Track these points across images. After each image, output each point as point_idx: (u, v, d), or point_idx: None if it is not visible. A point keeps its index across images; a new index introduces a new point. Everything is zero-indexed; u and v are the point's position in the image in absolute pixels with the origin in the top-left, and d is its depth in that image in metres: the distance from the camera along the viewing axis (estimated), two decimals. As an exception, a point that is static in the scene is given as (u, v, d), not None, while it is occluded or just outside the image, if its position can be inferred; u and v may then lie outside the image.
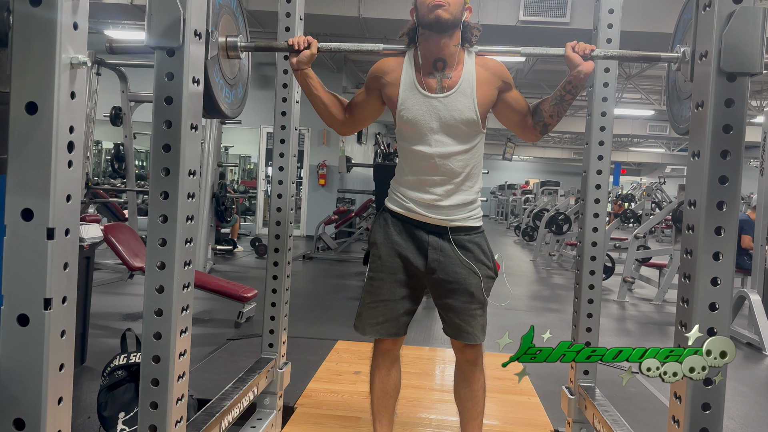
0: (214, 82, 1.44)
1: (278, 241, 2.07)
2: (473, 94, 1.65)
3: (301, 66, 1.62)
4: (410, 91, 1.67)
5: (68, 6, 0.84)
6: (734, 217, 1.12)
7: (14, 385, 0.84)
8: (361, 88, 1.78)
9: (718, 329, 1.13)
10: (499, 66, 1.70)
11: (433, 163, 1.68)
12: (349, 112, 1.79)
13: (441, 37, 1.61)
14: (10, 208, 0.83)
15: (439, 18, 1.57)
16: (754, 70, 1.09)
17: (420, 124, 1.66)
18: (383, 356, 1.85)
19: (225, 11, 1.53)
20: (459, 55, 1.65)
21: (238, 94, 1.68)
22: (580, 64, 1.53)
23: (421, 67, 1.67)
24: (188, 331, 1.26)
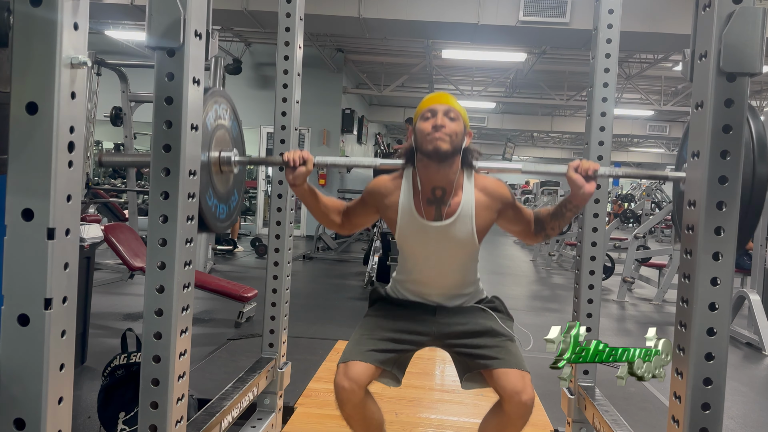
0: (207, 207, 1.45)
1: (278, 241, 2.07)
2: (472, 221, 1.63)
3: (297, 182, 1.58)
4: (409, 217, 1.65)
5: (69, 6, 0.84)
6: (734, 217, 1.12)
7: (14, 384, 0.84)
8: (358, 199, 1.76)
9: (717, 329, 1.13)
10: (499, 188, 1.67)
11: (431, 277, 1.70)
12: (346, 217, 1.77)
13: (440, 166, 1.59)
14: (11, 208, 0.83)
15: (438, 150, 1.55)
16: (754, 70, 1.09)
17: (418, 247, 1.68)
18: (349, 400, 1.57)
19: (220, 126, 1.54)
20: (458, 180, 1.63)
21: (232, 203, 1.67)
22: (582, 186, 1.48)
23: (420, 192, 1.64)
24: (188, 330, 1.26)
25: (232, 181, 1.62)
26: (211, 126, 1.47)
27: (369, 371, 1.60)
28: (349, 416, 1.62)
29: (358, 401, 1.58)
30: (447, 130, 1.56)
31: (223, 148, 1.54)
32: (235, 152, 1.55)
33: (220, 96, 1.54)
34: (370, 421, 1.65)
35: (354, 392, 1.56)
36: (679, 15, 6.00)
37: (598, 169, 1.48)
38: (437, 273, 1.70)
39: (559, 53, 9.80)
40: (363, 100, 13.77)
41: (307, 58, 4.16)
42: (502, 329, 1.68)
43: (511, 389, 1.54)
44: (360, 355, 1.61)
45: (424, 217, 1.64)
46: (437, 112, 1.58)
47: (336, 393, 1.58)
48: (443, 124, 1.56)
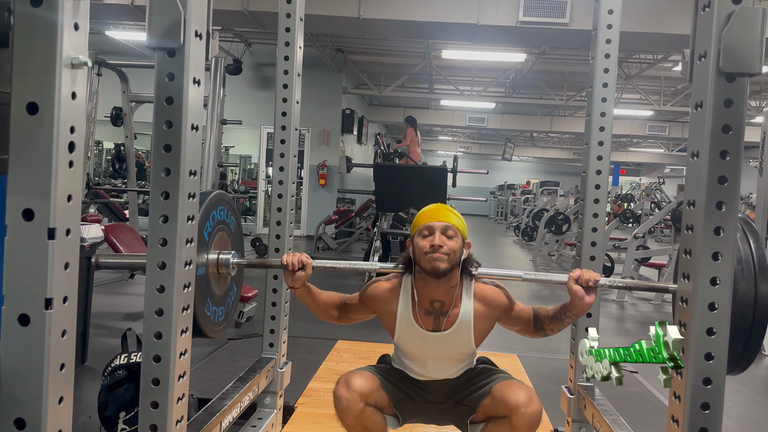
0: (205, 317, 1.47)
1: (278, 241, 2.08)
2: (470, 331, 1.65)
3: (296, 285, 1.62)
4: (407, 326, 1.66)
5: (69, 6, 0.84)
6: (733, 217, 1.12)
7: (15, 384, 0.84)
8: (356, 296, 1.77)
9: (717, 329, 1.13)
10: (497, 297, 1.68)
11: (429, 373, 1.71)
12: (343, 312, 1.78)
13: (439, 282, 1.61)
14: (11, 208, 0.83)
15: (436, 270, 1.57)
16: (754, 70, 1.09)
17: (416, 355, 1.69)
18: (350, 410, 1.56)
19: (220, 228, 1.56)
20: (457, 292, 1.64)
21: (230, 300, 1.69)
22: (583, 297, 1.50)
23: (418, 303, 1.65)
24: (189, 330, 1.26)
25: (230, 280, 1.66)
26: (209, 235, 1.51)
27: (371, 384, 1.61)
28: (350, 427, 1.61)
29: (358, 411, 1.57)
30: (445, 250, 1.57)
31: (222, 251, 1.57)
32: (233, 254, 1.58)
33: (217, 200, 1.58)
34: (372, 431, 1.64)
35: (355, 401, 1.56)
36: (679, 15, 6.00)
37: (598, 279, 1.50)
38: (434, 370, 1.71)
39: (559, 53, 9.80)
40: (363, 100, 13.77)
41: (307, 59, 4.16)
42: (496, 369, 1.74)
43: (516, 401, 1.53)
44: (364, 369, 1.66)
45: (423, 327, 1.65)
46: (435, 230, 1.59)
47: (335, 403, 1.58)
48: (441, 244, 1.57)
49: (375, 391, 1.62)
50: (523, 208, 14.67)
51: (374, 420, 1.63)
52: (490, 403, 1.61)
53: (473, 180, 21.03)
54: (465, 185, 12.78)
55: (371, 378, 1.64)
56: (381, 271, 1.72)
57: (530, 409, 1.51)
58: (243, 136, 12.31)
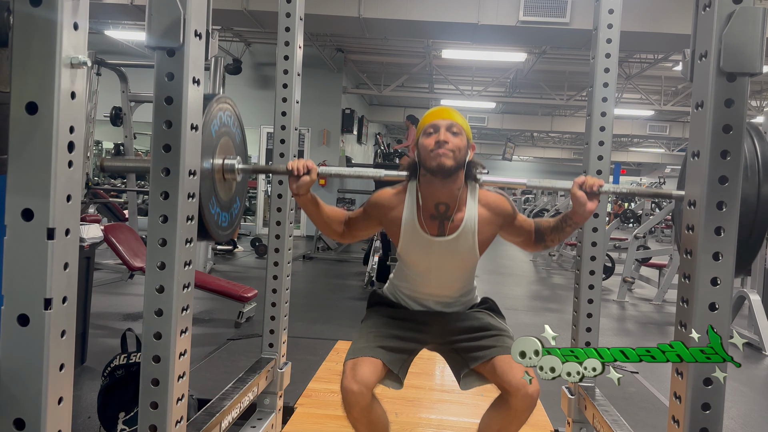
0: (209, 215, 1.44)
1: (278, 241, 2.07)
2: (475, 237, 1.64)
3: (300, 192, 1.59)
4: (412, 232, 1.66)
5: (68, 6, 0.84)
6: (734, 217, 1.12)
7: (14, 384, 0.84)
8: (360, 210, 1.76)
9: (718, 329, 1.13)
10: (501, 203, 1.68)
11: (431, 287, 1.71)
12: (347, 227, 1.77)
13: (444, 182, 1.60)
14: (11, 208, 0.83)
15: (442, 166, 1.56)
16: (754, 70, 1.09)
17: (420, 261, 1.69)
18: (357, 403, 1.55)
19: (224, 132, 1.53)
20: (462, 196, 1.64)
21: (234, 211, 1.67)
22: (585, 203, 1.50)
23: (423, 207, 1.65)
24: (188, 331, 1.26)
25: (235, 189, 1.63)
26: (216, 133, 1.47)
27: (377, 371, 1.60)
28: (356, 420, 1.61)
29: (366, 404, 1.57)
30: (450, 146, 1.56)
31: (227, 156, 1.54)
32: (238, 160, 1.55)
33: (225, 103, 1.54)
34: (377, 424, 1.64)
35: (363, 395, 1.55)
36: (679, 15, 6.00)
37: (602, 184, 1.50)
38: (437, 283, 1.71)
39: (559, 53, 9.80)
40: (363, 100, 13.76)
41: (307, 58, 4.16)
42: (499, 324, 1.71)
43: (516, 382, 1.52)
44: (369, 351, 1.61)
45: (427, 232, 1.64)
46: (440, 128, 1.58)
47: (343, 397, 1.57)
48: (446, 140, 1.56)
49: (380, 373, 1.61)
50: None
51: (379, 414, 1.65)
52: (488, 372, 1.62)
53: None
54: (465, 185, 12.74)
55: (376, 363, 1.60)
56: (386, 179, 1.68)
57: (531, 389, 1.52)
58: (243, 136, 12.29)
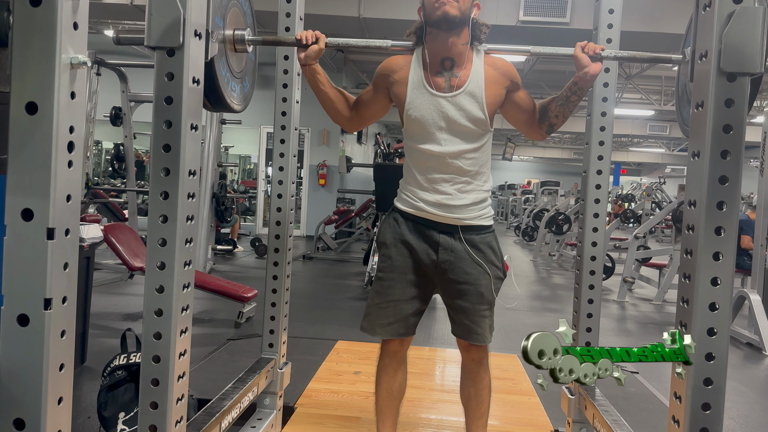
0: (221, 75, 1.42)
1: (278, 241, 2.07)
2: (482, 93, 1.63)
3: (309, 61, 1.61)
4: (418, 90, 1.65)
5: (68, 6, 0.84)
6: (734, 217, 1.12)
7: (14, 385, 0.84)
8: (369, 86, 1.77)
9: (718, 329, 1.13)
10: (507, 65, 1.69)
11: (441, 161, 1.66)
12: (355, 110, 1.77)
13: (449, 35, 1.60)
14: (10, 208, 0.83)
15: (446, 14, 1.56)
16: (754, 70, 1.09)
17: (428, 123, 1.65)
18: (391, 357, 1.81)
19: (233, 4, 1.51)
20: (467, 54, 1.64)
21: (245, 88, 1.66)
22: (587, 65, 1.52)
23: (429, 65, 1.65)
24: (188, 331, 1.26)
25: (245, 64, 1.62)
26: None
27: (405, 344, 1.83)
28: (383, 368, 1.82)
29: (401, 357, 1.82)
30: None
31: (238, 27, 1.53)
32: (248, 31, 1.54)
33: None
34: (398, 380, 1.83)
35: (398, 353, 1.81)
36: (679, 15, 6.00)
37: (603, 48, 1.53)
38: (447, 153, 1.65)
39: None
40: (363, 100, 13.75)
41: (307, 58, 4.16)
42: (489, 296, 1.73)
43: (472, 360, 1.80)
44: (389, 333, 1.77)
45: (433, 88, 1.64)
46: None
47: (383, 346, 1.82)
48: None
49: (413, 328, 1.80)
50: (523, 208, 14.68)
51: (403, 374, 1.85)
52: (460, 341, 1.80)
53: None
54: (465, 185, 12.74)
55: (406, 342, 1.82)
56: (393, 48, 1.69)
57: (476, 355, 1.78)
58: (243, 136, 12.30)
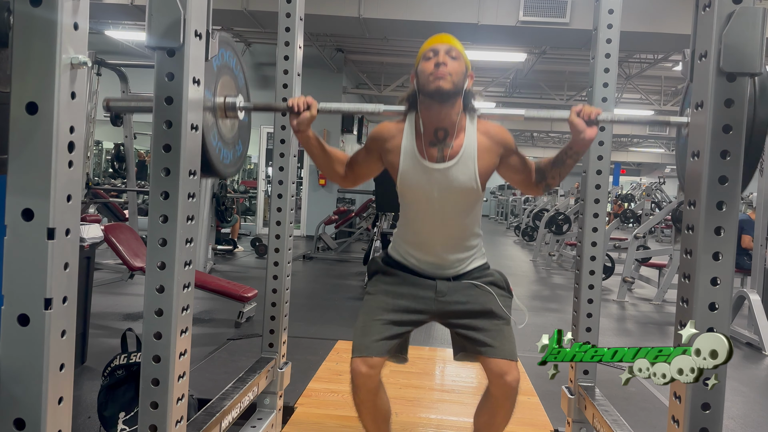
0: (212, 147, 1.44)
1: (278, 241, 2.07)
2: (474, 164, 1.63)
3: (301, 128, 1.58)
4: (411, 160, 1.65)
5: (69, 6, 0.84)
6: (734, 217, 1.12)
7: (14, 384, 0.84)
8: (362, 147, 1.76)
9: (717, 329, 1.13)
10: (501, 133, 1.67)
11: (434, 226, 1.68)
12: (350, 168, 1.77)
13: (442, 106, 1.59)
14: (11, 208, 0.83)
15: (440, 89, 1.55)
16: (754, 70, 1.09)
17: (420, 192, 1.66)
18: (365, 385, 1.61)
19: (224, 72, 1.53)
20: (460, 123, 1.63)
21: (237, 152, 1.66)
22: (583, 130, 1.49)
23: (422, 135, 1.64)
24: (188, 330, 1.26)
25: (237, 129, 1.62)
26: (217, 67, 1.45)
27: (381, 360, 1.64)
28: (361, 402, 1.64)
29: (373, 387, 1.61)
30: (448, 69, 1.56)
31: (228, 94, 1.53)
32: (240, 98, 1.54)
33: (226, 44, 1.53)
34: (380, 409, 1.67)
35: (371, 377, 1.59)
36: (679, 15, 6.00)
37: (600, 112, 1.49)
38: (440, 220, 1.67)
39: (559, 53, 9.79)
40: (363, 100, 13.74)
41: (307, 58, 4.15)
42: (500, 311, 1.68)
43: (497, 370, 1.59)
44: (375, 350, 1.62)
45: (426, 159, 1.63)
46: (439, 51, 1.58)
47: (352, 377, 1.61)
48: (445, 62, 1.56)
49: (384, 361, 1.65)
50: (523, 208, 14.67)
51: (383, 399, 1.68)
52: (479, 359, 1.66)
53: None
54: (465, 185, 12.74)
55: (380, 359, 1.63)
56: (386, 113, 1.68)
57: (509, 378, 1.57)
58: (243, 136, 12.29)
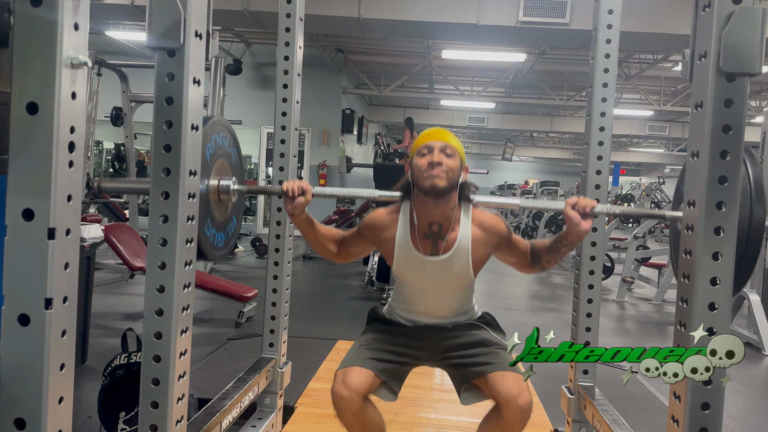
0: (205, 238, 1.45)
1: (278, 240, 2.07)
2: (468, 257, 1.65)
3: (296, 212, 1.59)
4: (405, 251, 1.67)
5: (69, 6, 0.84)
6: (734, 217, 1.12)
7: (15, 384, 0.84)
8: (355, 230, 1.77)
9: (717, 329, 1.13)
10: (495, 223, 1.68)
11: (428, 307, 1.72)
12: (342, 246, 1.78)
13: (437, 202, 1.60)
14: (11, 208, 0.83)
15: (435, 187, 1.57)
16: (754, 70, 1.09)
17: (415, 281, 1.69)
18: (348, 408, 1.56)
19: (220, 154, 1.54)
20: (455, 215, 1.64)
21: (230, 230, 1.68)
22: (579, 223, 1.50)
23: (417, 227, 1.65)
24: (189, 330, 1.26)
25: (231, 208, 1.63)
26: (211, 157, 1.48)
27: (368, 379, 1.61)
28: (348, 423, 1.62)
29: (356, 409, 1.58)
30: (443, 167, 1.57)
31: (222, 177, 1.55)
32: (233, 181, 1.56)
33: (220, 125, 1.55)
34: (370, 427, 1.64)
35: (352, 400, 1.56)
36: (679, 15, 6.00)
37: (595, 206, 1.50)
38: (434, 303, 1.72)
39: (559, 53, 9.80)
40: (363, 100, 13.76)
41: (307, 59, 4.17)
42: (494, 339, 1.71)
43: (507, 393, 1.53)
44: (359, 362, 1.63)
45: (420, 252, 1.65)
46: (434, 149, 1.59)
47: (334, 401, 1.58)
48: (440, 161, 1.57)
49: (372, 382, 1.63)
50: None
51: (373, 417, 1.64)
52: (483, 385, 1.62)
53: (473, 180, 20.98)
54: (465, 185, 12.75)
55: (366, 372, 1.62)
56: (381, 199, 1.69)
57: (521, 401, 1.52)
58: (243, 136, 12.21)
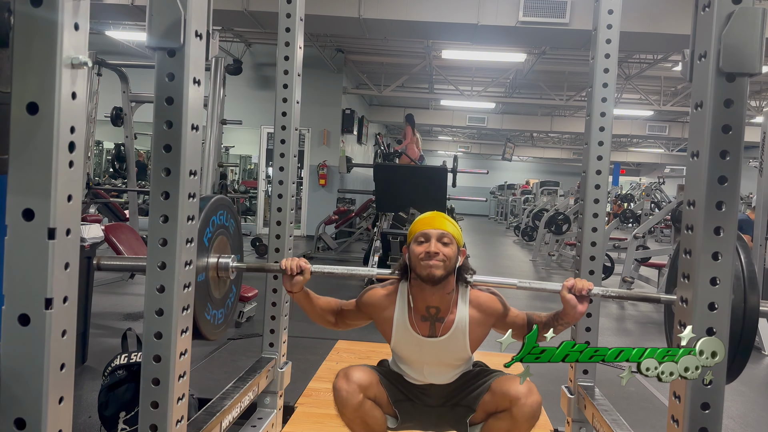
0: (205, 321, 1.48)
1: (278, 241, 2.07)
2: (466, 338, 1.67)
3: (294, 290, 1.63)
4: (403, 332, 1.68)
5: (69, 6, 0.84)
6: (733, 217, 1.12)
7: (15, 384, 0.84)
8: (353, 303, 1.78)
9: (717, 329, 1.13)
10: (492, 304, 1.70)
11: (426, 379, 1.73)
12: (340, 318, 1.80)
13: (434, 288, 1.62)
14: (12, 208, 0.83)
15: (432, 276, 1.59)
16: (754, 70, 1.09)
17: (413, 360, 1.71)
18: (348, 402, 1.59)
19: (220, 232, 1.56)
20: (453, 298, 1.66)
21: (229, 302, 1.70)
22: (575, 306, 1.53)
23: (414, 310, 1.67)
24: (189, 330, 1.27)
25: (229, 283, 1.66)
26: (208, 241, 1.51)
27: (370, 378, 1.64)
28: (350, 420, 1.63)
29: (357, 403, 1.59)
30: (441, 256, 1.59)
31: (222, 255, 1.57)
32: (232, 258, 1.58)
33: (218, 206, 1.58)
34: (372, 425, 1.65)
35: (353, 394, 1.58)
36: (679, 15, 6.00)
37: (591, 288, 1.52)
38: (431, 376, 1.74)
39: (559, 53, 9.79)
40: (363, 100, 13.76)
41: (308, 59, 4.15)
42: (490, 369, 1.75)
43: (516, 392, 1.56)
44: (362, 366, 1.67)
45: (418, 333, 1.67)
46: (431, 238, 1.61)
47: (335, 396, 1.60)
48: (437, 251, 1.59)
49: (374, 385, 1.65)
50: (523, 208, 14.68)
51: (373, 414, 1.65)
52: (490, 399, 1.63)
53: (473, 180, 21.02)
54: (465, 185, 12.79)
55: (370, 372, 1.67)
56: (379, 276, 1.74)
57: (530, 400, 1.55)
58: (243, 136, 12.31)
